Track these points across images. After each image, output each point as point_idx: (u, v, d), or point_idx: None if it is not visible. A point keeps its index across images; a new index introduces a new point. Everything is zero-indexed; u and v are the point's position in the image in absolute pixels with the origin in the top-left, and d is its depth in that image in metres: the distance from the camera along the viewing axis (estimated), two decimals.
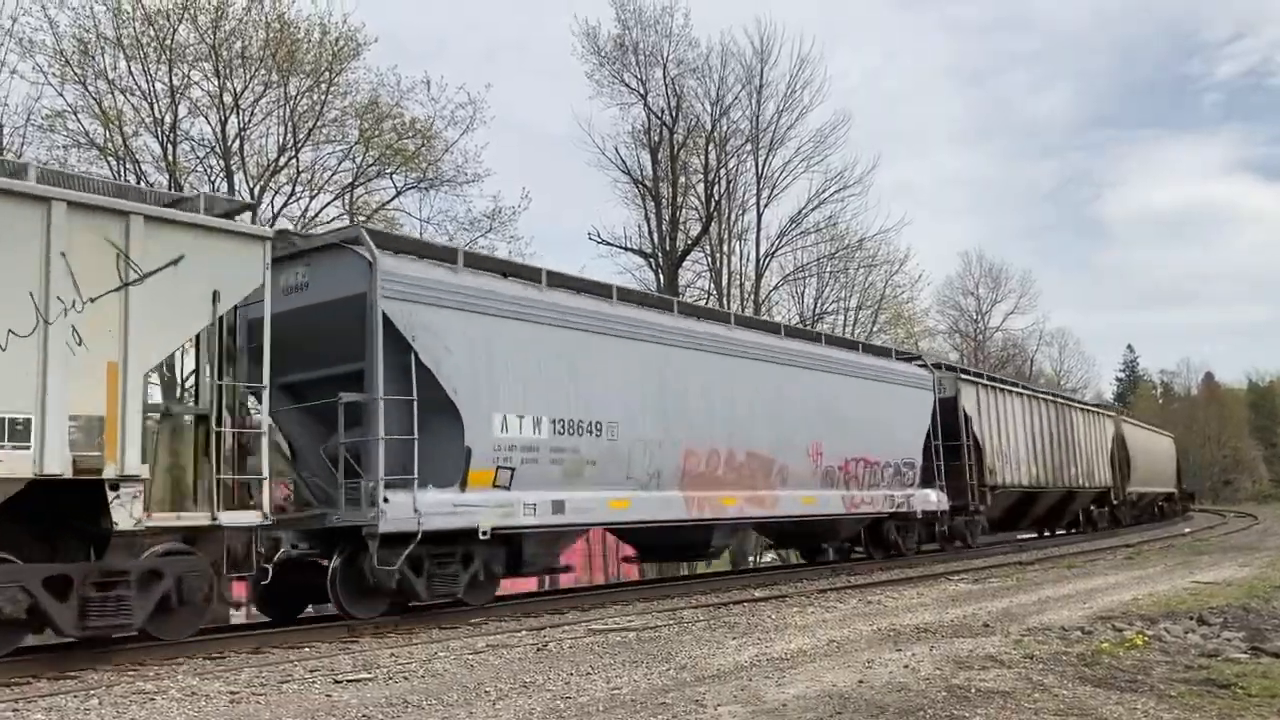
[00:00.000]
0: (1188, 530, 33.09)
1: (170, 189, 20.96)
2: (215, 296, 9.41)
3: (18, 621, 8.29)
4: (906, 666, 7.26)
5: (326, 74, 25.12)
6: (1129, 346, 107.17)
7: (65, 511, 8.88)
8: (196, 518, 9.33)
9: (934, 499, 20.39)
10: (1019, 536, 28.52)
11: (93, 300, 8.59)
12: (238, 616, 15.65)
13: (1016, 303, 63.19)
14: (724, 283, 36.45)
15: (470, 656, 8.41)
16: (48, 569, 8.51)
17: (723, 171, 36.42)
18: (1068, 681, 6.71)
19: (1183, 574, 15.24)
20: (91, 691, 7.23)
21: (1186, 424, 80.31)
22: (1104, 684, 6.66)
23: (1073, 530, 32.10)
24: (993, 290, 62.71)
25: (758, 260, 37.16)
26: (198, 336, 9.75)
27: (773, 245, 37.49)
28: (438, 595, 11.42)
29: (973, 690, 6.38)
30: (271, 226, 14.36)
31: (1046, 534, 30.85)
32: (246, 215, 11.28)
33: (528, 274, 13.24)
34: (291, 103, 24.91)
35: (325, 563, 11.21)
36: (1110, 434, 33.56)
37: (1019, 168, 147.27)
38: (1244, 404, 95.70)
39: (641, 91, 34.88)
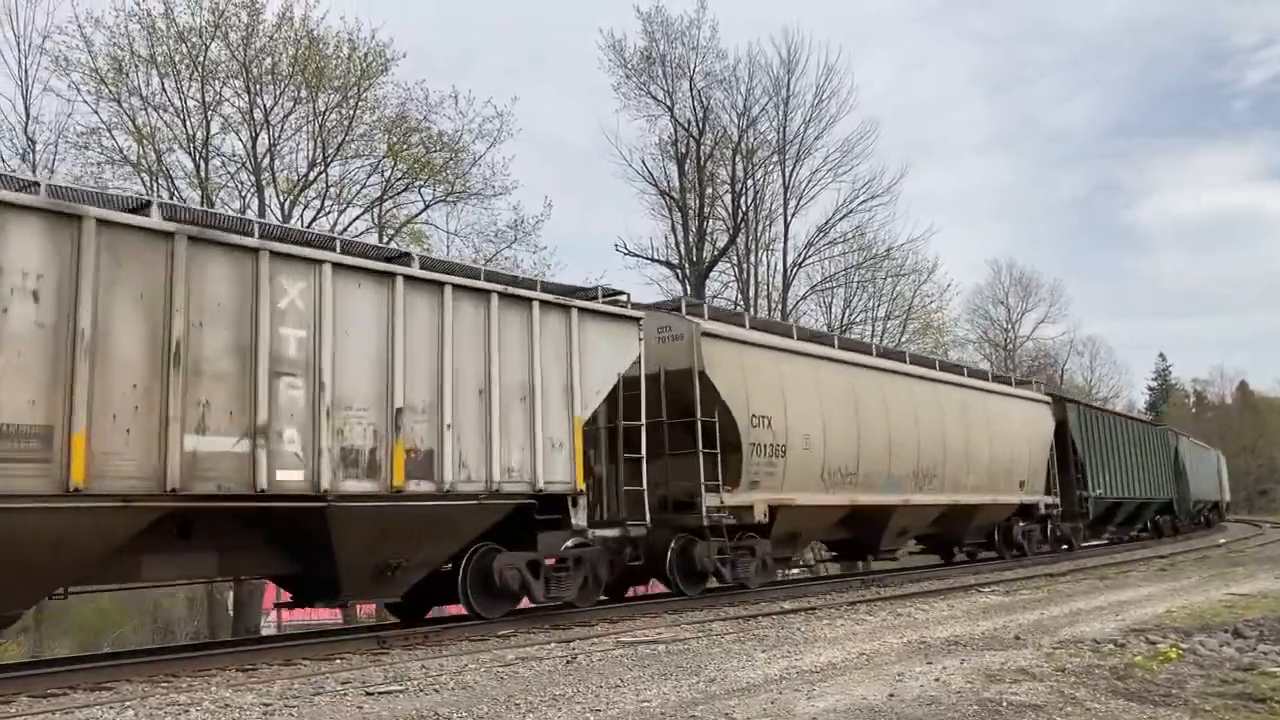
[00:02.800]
0: (1223, 541, 32.68)
1: (201, 204, 21.20)
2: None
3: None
4: (937, 679, 7.22)
5: (355, 89, 25.40)
6: (1161, 355, 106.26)
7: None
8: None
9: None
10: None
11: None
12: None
13: (1047, 311, 62.80)
14: (751, 293, 36.43)
15: (500, 669, 8.44)
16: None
17: (750, 182, 36.48)
18: (1100, 695, 6.65)
19: (1218, 586, 15.06)
20: (127, 703, 7.31)
21: (1220, 433, 79.31)
22: (1137, 698, 6.60)
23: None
24: (1023, 299, 62.34)
25: (785, 271, 37.18)
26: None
27: (800, 255, 37.51)
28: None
29: (1004, 704, 6.34)
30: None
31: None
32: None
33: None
34: (321, 118, 25.21)
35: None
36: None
37: (1047, 176, 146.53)
38: (1279, 412, 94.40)
39: (668, 103, 35.03)
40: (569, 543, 12.23)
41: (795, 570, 27.76)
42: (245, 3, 23.80)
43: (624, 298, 13.82)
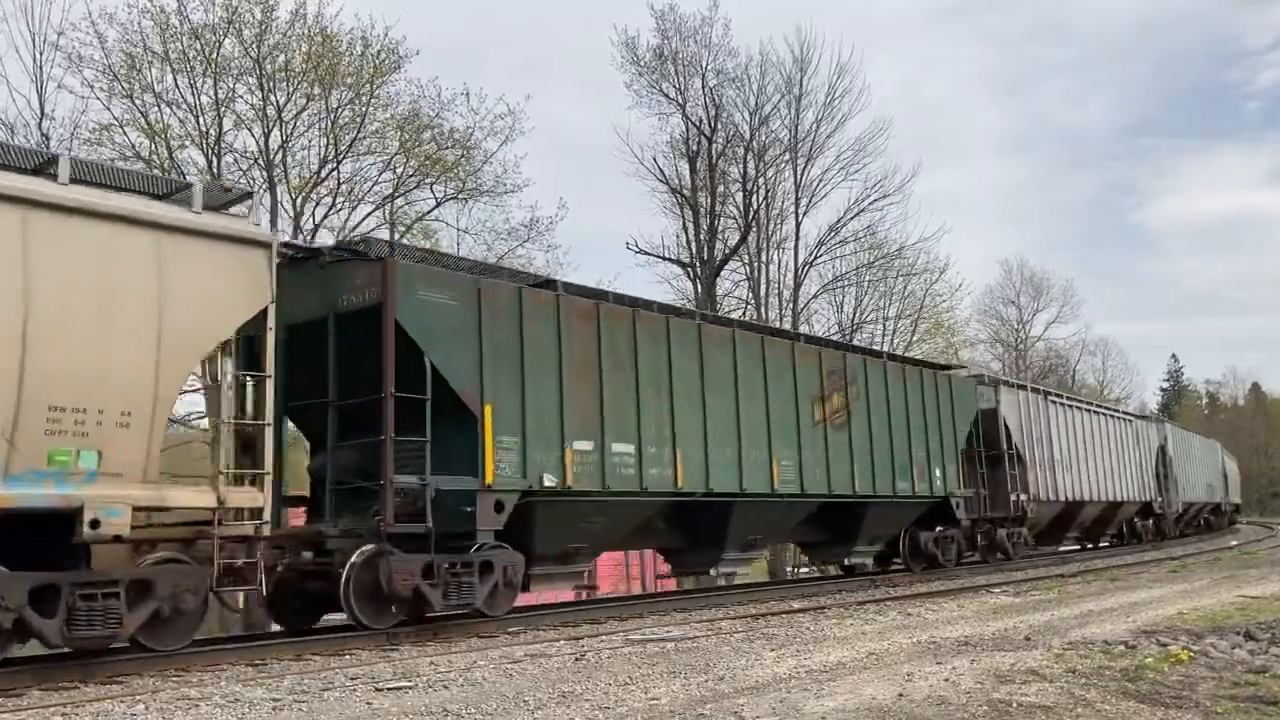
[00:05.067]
0: (1234, 543, 32.52)
1: None
2: None
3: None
4: (947, 680, 7.20)
5: (368, 86, 25.39)
6: (1173, 356, 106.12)
7: None
8: None
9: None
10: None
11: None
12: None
13: (1059, 312, 62.63)
14: (762, 292, 36.40)
15: (509, 665, 8.45)
16: None
17: (761, 181, 36.38)
18: (1111, 696, 6.62)
19: (1229, 588, 14.99)
20: (137, 697, 7.34)
21: (1233, 434, 78.95)
22: (1148, 699, 6.57)
23: (1117, 542, 31.58)
24: (1034, 299, 62.21)
25: (796, 269, 37.09)
26: None
27: (811, 254, 37.40)
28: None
29: (1014, 704, 6.32)
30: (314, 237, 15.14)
31: (1086, 547, 30.11)
32: None
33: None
34: (333, 115, 25.21)
35: None
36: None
37: (1059, 176, 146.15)
38: None
39: (680, 101, 34.95)
40: None
41: None
42: None
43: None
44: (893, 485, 18.20)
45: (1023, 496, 22.36)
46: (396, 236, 25.73)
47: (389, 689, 7.37)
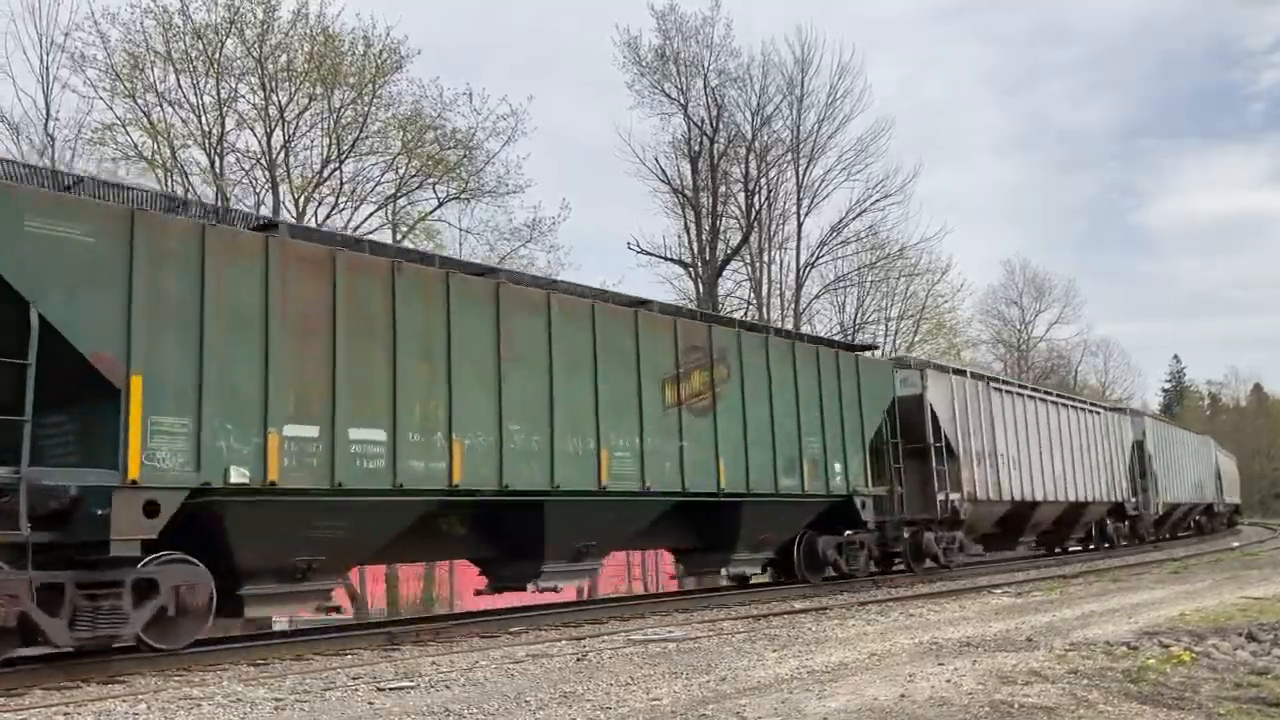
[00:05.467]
0: (1236, 544, 32.49)
1: (216, 201, 21.28)
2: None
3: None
4: (949, 681, 7.19)
5: (370, 86, 25.43)
6: (1175, 357, 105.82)
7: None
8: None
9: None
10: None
11: None
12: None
13: (1060, 312, 62.63)
14: (764, 292, 36.40)
15: (511, 665, 8.45)
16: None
17: (763, 181, 36.39)
18: (1113, 698, 6.62)
19: (1232, 589, 14.97)
20: (139, 696, 7.34)
21: (1235, 435, 78.89)
22: (1150, 701, 6.56)
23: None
24: (1036, 300, 62.20)
25: (798, 270, 37.09)
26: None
27: (813, 255, 37.42)
28: None
29: (1016, 705, 6.32)
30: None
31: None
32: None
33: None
34: (335, 115, 25.25)
35: None
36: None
37: (1060, 177, 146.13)
38: None
39: (682, 101, 34.95)
40: None
41: None
42: None
43: None
44: (775, 482, 15.33)
45: (954, 496, 19.57)
46: (399, 237, 25.76)
47: (391, 689, 7.37)
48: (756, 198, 36.14)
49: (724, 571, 16.43)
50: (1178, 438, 36.63)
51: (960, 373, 21.54)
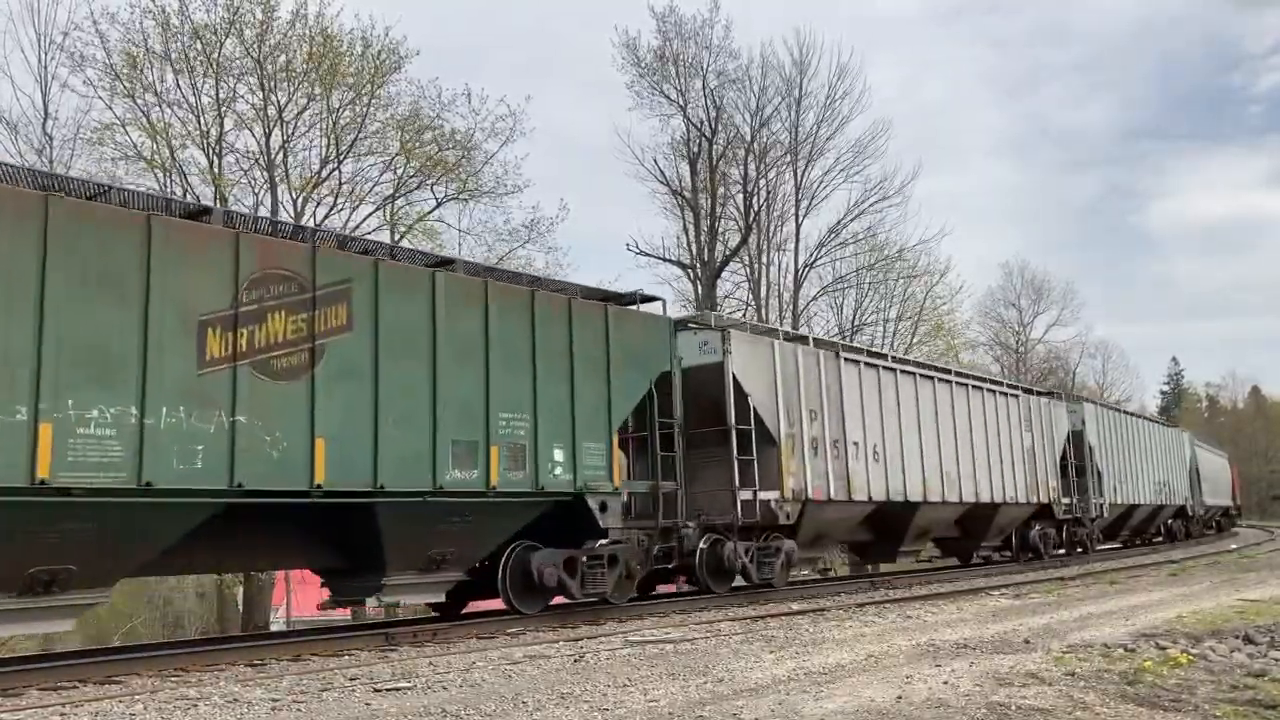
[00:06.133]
0: (1234, 546, 32.49)
1: (215, 202, 21.28)
2: None
3: None
4: (946, 683, 7.20)
5: (368, 87, 25.44)
6: (1174, 359, 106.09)
7: None
8: None
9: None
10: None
11: None
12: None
13: (1059, 314, 62.39)
14: (762, 294, 36.41)
15: (508, 666, 8.45)
16: None
17: (762, 182, 36.45)
18: (1110, 700, 6.63)
19: (1228, 591, 14.98)
20: (136, 696, 7.34)
21: (1233, 437, 78.91)
22: (1147, 703, 6.57)
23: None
24: (1035, 302, 62.01)
25: (796, 271, 37.13)
26: None
27: (812, 256, 37.48)
28: None
29: (1013, 707, 6.32)
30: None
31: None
32: None
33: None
34: (334, 115, 25.25)
35: None
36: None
37: (1059, 179, 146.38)
38: None
39: (681, 103, 35.00)
40: None
41: None
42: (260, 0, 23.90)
43: None
44: (433, 476, 10.91)
45: (767, 495, 15.38)
46: (397, 237, 25.75)
47: (388, 689, 7.37)
48: (755, 199, 36.21)
49: (376, 601, 11.59)
50: (1135, 429, 31.32)
51: (792, 338, 17.36)
